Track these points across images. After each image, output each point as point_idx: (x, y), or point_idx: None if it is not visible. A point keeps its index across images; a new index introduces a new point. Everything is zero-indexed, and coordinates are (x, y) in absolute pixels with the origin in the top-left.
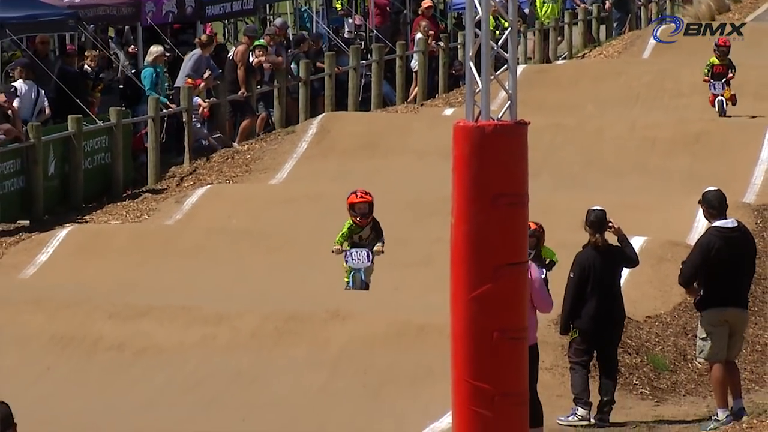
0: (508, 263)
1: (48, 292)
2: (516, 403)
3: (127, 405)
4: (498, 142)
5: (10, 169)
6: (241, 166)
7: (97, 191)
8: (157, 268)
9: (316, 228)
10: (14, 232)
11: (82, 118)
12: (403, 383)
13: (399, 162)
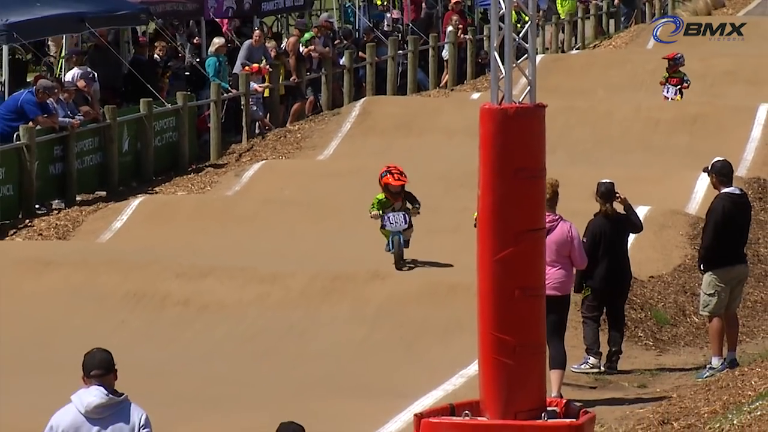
0: (528, 229)
1: (122, 255)
2: (534, 352)
3: (191, 354)
4: (519, 123)
5: (89, 146)
6: (293, 144)
7: (165, 166)
8: (218, 233)
9: (358, 198)
10: (92, 202)
11: (152, 101)
12: (435, 336)
13: (431, 140)
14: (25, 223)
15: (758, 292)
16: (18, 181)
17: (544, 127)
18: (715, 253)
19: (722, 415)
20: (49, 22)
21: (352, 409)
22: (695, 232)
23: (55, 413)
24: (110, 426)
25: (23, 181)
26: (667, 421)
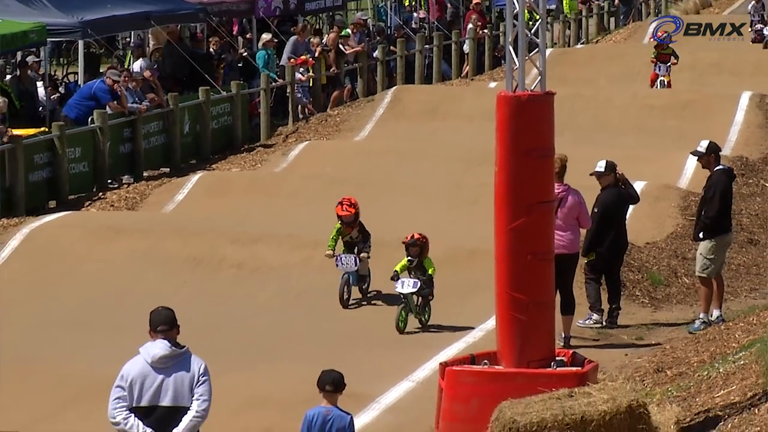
0: (539, 201)
1: (183, 224)
2: (544, 309)
3: (244, 311)
4: (531, 108)
5: (154, 129)
6: (333, 127)
7: (221, 146)
8: (267, 205)
9: (390, 174)
10: (158, 177)
11: (209, 89)
12: (458, 294)
13: (454, 124)
14: (99, 195)
15: (741, 256)
16: (92, 159)
17: (552, 112)
18: (717, 222)
19: (709, 364)
20: (118, 19)
21: (384, 359)
22: (686, 204)
23: (126, 363)
24: (173, 374)
25: (97, 159)
26: (661, 369)
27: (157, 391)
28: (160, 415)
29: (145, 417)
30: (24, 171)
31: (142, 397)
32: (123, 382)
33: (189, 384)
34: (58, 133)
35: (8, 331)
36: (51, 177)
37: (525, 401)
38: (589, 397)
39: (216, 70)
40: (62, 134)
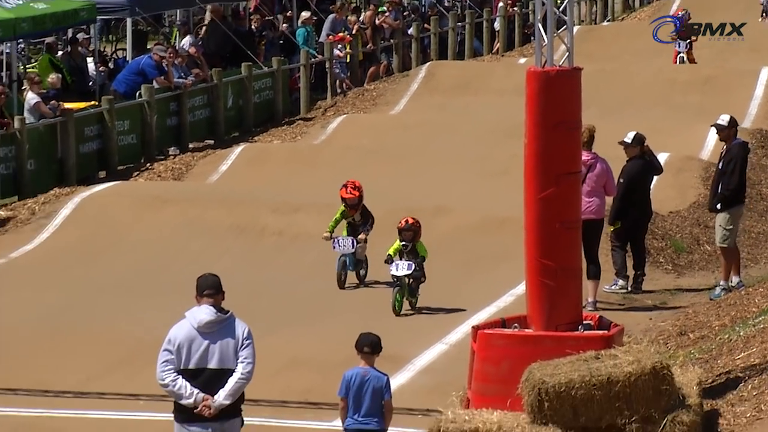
0: (567, 172)
1: (227, 193)
2: (572, 275)
3: (285, 277)
4: (559, 83)
5: (199, 103)
6: (369, 101)
7: (263, 119)
8: (306, 175)
9: (424, 146)
10: (202, 149)
11: (251, 65)
12: (490, 261)
13: (485, 98)
14: (146, 166)
15: (761, 225)
16: (140, 132)
17: (580, 87)
18: (736, 194)
19: (730, 327)
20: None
21: (419, 322)
22: (707, 175)
23: (172, 327)
24: (219, 338)
25: (144, 131)
26: (684, 333)
27: (203, 354)
28: (207, 377)
29: (192, 379)
30: (75, 143)
31: (189, 360)
32: (170, 345)
33: (234, 347)
34: (107, 106)
35: (61, 295)
36: (101, 148)
37: (553, 363)
38: (615, 359)
39: (258, 46)
40: (111, 108)
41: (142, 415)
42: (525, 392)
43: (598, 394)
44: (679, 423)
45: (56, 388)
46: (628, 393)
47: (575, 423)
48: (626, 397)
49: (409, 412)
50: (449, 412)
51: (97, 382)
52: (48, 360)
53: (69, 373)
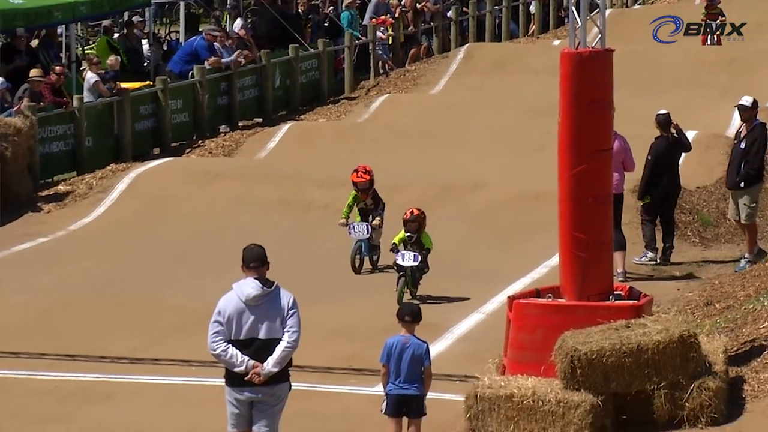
0: (599, 149)
1: (275, 169)
2: (603, 248)
3: (329, 248)
4: (592, 64)
5: (248, 83)
6: (410, 81)
7: (309, 98)
8: (350, 152)
9: (462, 124)
10: (251, 127)
11: (298, 47)
12: (524, 234)
13: (521, 78)
14: (198, 143)
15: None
16: (192, 110)
17: (611, 68)
18: (759, 171)
19: (755, 297)
20: None
21: (457, 292)
22: None
23: (221, 299)
24: (265, 310)
25: (196, 110)
26: (710, 303)
27: (252, 326)
28: (257, 347)
29: (243, 348)
30: (131, 121)
31: (240, 332)
32: (220, 317)
33: (280, 317)
34: (161, 86)
35: (117, 266)
36: (155, 126)
37: (585, 331)
38: (645, 327)
39: (304, 29)
40: (165, 87)
41: (193, 380)
42: (558, 359)
43: (628, 361)
44: (705, 389)
45: (112, 354)
46: (657, 360)
47: (606, 388)
48: (655, 364)
49: (447, 378)
50: (486, 378)
51: (151, 348)
52: (104, 327)
53: (124, 339)
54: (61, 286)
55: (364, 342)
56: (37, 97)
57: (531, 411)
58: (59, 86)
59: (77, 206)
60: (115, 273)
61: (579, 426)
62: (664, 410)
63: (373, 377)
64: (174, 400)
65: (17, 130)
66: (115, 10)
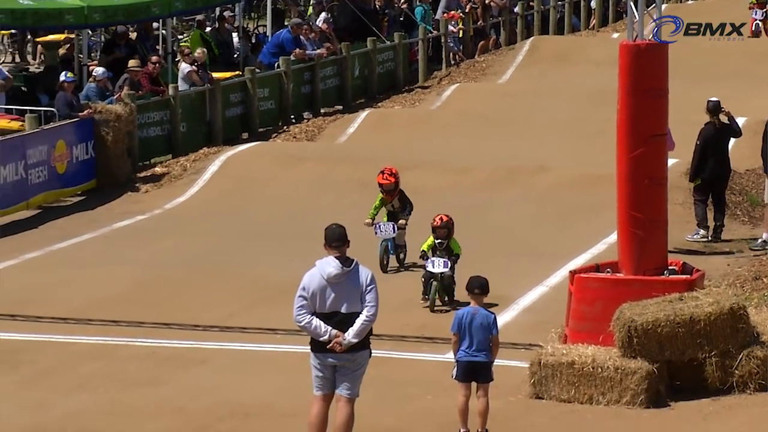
0: (654, 134)
1: (354, 152)
2: (658, 226)
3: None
4: (648, 55)
5: (330, 73)
6: (479, 71)
7: (385, 87)
8: (423, 138)
9: (528, 111)
10: (332, 114)
11: (375, 39)
12: (585, 213)
13: (582, 69)
14: (283, 129)
15: None
16: (278, 98)
17: (666, 58)
18: None
19: None
20: None
21: (522, 267)
22: None
23: (306, 275)
24: (346, 286)
25: (282, 98)
26: (758, 277)
27: (334, 301)
28: (339, 319)
29: (326, 320)
30: (222, 108)
31: (324, 306)
32: (305, 292)
33: (359, 292)
34: (249, 76)
35: (209, 241)
36: (244, 113)
37: (642, 304)
38: (697, 300)
39: (381, 23)
40: (253, 77)
41: (278, 348)
42: (616, 329)
43: (682, 331)
44: (753, 357)
45: (204, 322)
46: (708, 330)
47: (661, 356)
48: (706, 334)
49: (513, 346)
50: (549, 347)
51: (239, 317)
52: (197, 298)
53: (215, 309)
54: (157, 260)
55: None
56: (136, 86)
57: (591, 377)
58: (156, 76)
59: (172, 186)
60: (207, 248)
61: (635, 391)
62: (715, 377)
63: (444, 345)
64: (261, 365)
65: (117, 117)
66: (207, 5)
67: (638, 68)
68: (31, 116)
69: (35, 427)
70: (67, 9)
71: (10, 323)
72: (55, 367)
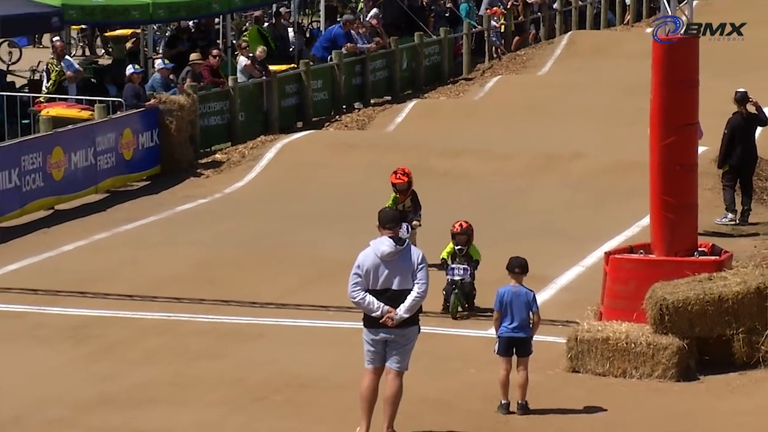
0: (686, 123)
1: (401, 140)
2: (689, 210)
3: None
4: (680, 48)
5: (379, 66)
6: (520, 64)
7: (431, 79)
8: (467, 126)
9: (565, 101)
10: (381, 104)
11: (422, 34)
12: (619, 198)
13: (617, 61)
14: (335, 118)
15: None
16: (330, 90)
17: (697, 52)
18: None
19: None
20: None
21: (559, 248)
22: None
23: (360, 254)
24: (398, 265)
25: (334, 89)
26: None
27: (387, 278)
28: (391, 295)
29: (378, 296)
30: (278, 98)
31: (377, 283)
32: (359, 270)
33: (410, 271)
34: (304, 68)
35: (266, 223)
36: (298, 103)
37: (673, 283)
38: (725, 280)
39: (428, 18)
40: (307, 69)
41: (330, 323)
42: (649, 307)
43: (711, 309)
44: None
45: (261, 300)
46: (736, 309)
47: (690, 333)
48: (734, 312)
49: (551, 323)
50: (585, 324)
51: (294, 295)
52: (254, 276)
53: (271, 287)
54: (217, 240)
55: (478, 290)
56: (197, 78)
57: (624, 352)
58: (216, 68)
59: (231, 172)
60: (264, 230)
61: (666, 365)
62: (742, 352)
63: (486, 322)
64: (314, 339)
65: (180, 106)
66: (265, 2)
67: (670, 61)
68: (100, 106)
69: (104, 396)
70: (133, 5)
71: (79, 300)
72: (121, 341)
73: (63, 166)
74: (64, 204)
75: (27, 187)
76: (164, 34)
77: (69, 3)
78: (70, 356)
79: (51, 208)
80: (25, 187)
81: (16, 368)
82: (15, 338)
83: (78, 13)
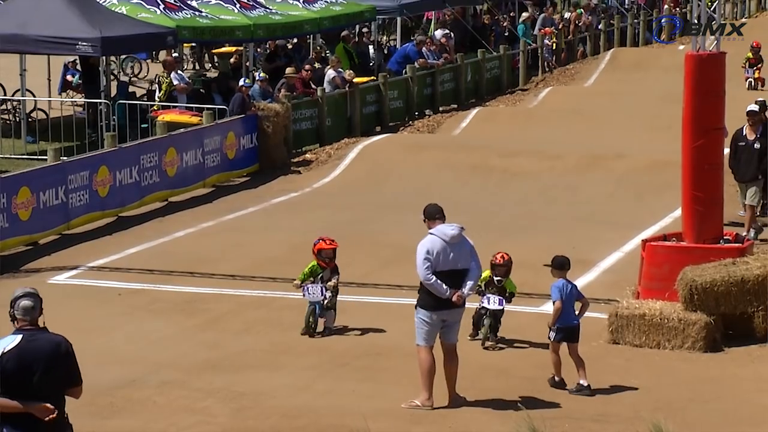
0: (713, 128)
1: (466, 142)
2: (716, 203)
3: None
4: (709, 63)
5: (447, 78)
6: (569, 76)
7: (492, 89)
8: (525, 129)
9: (609, 109)
10: (448, 111)
11: (485, 50)
12: (654, 191)
13: (654, 74)
14: (409, 123)
15: None
16: (405, 99)
17: (724, 66)
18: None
19: None
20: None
21: (602, 236)
22: None
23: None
24: (459, 247)
25: (408, 98)
26: None
27: (453, 259)
28: (455, 274)
29: (445, 277)
30: (360, 106)
31: (446, 264)
32: (430, 255)
33: (468, 253)
34: (382, 80)
35: (349, 213)
36: (377, 110)
37: (701, 267)
38: (747, 264)
39: (489, 37)
40: (385, 82)
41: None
42: (680, 288)
43: (734, 290)
44: None
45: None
46: (757, 289)
47: (716, 310)
48: (755, 292)
49: (594, 301)
50: (624, 301)
51: (373, 275)
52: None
53: (354, 268)
54: (307, 228)
55: (533, 271)
56: (291, 89)
57: (658, 326)
58: (308, 80)
59: (319, 169)
60: (348, 218)
61: (695, 338)
62: (761, 327)
63: (539, 300)
64: (389, 315)
65: (276, 113)
66: (349, 23)
67: (701, 74)
68: (207, 113)
69: (210, 361)
70: (237, 26)
71: (189, 279)
72: (225, 314)
73: (176, 164)
74: (177, 197)
75: (145, 182)
76: (264, 51)
77: (182, 24)
78: (181, 327)
79: (165, 200)
80: (144, 182)
81: (136, 337)
82: (134, 311)
83: (189, 33)
